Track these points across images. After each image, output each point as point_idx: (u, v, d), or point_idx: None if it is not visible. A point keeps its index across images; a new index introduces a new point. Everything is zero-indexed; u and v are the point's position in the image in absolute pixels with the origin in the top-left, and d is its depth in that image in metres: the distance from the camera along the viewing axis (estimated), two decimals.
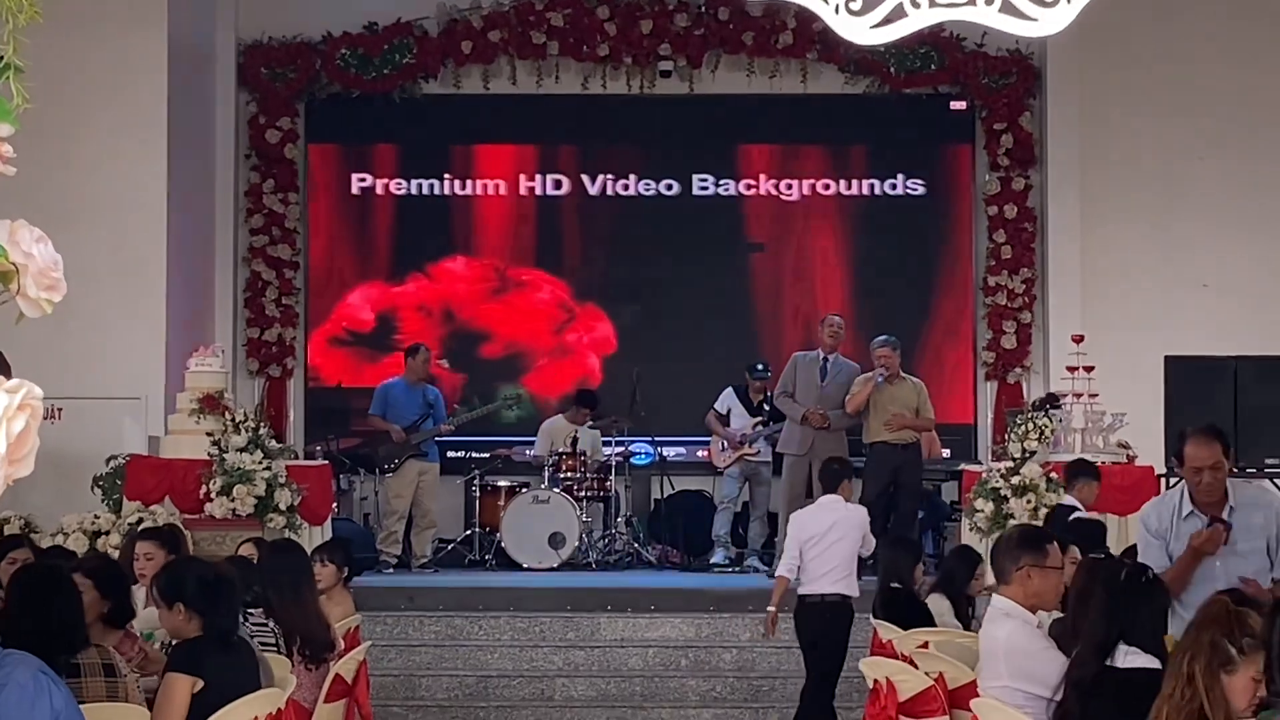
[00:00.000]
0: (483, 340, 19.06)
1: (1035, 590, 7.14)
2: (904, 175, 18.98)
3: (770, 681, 13.39)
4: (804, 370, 15.87)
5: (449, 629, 14.02)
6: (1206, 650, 5.29)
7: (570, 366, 19.04)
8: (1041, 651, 6.90)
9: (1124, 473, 14.25)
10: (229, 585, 7.11)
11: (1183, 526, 8.10)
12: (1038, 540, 7.39)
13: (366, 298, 19.01)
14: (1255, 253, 18.36)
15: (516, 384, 18.79)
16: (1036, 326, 18.65)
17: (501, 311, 19.07)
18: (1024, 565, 7.17)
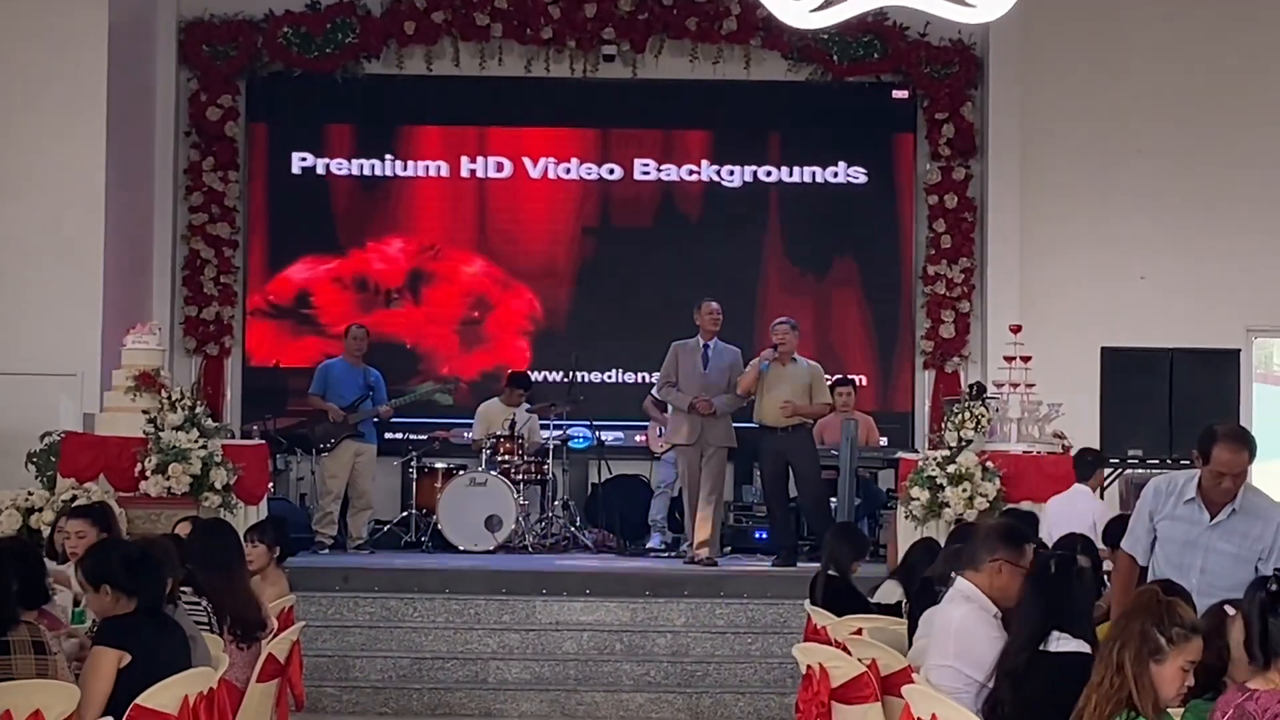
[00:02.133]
0: (417, 321, 19.00)
1: (1002, 585, 7.12)
2: (845, 163, 19.00)
3: (704, 666, 13.39)
4: (685, 358, 15.77)
5: (384, 610, 13.97)
6: (1136, 639, 5.32)
7: (506, 349, 19.00)
8: (989, 638, 6.90)
9: (1059, 463, 14.28)
10: (155, 563, 7.07)
11: (1180, 509, 8.14)
12: (1019, 539, 7.38)
13: (304, 276, 18.93)
14: (1191, 245, 18.47)
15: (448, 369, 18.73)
16: (975, 316, 18.71)
17: (438, 292, 19.02)
18: (998, 558, 7.17)
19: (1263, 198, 18.49)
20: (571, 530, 17.28)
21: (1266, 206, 18.49)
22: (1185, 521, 8.13)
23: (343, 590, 14.23)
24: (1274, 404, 19.46)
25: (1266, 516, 8.15)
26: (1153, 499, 8.26)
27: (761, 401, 15.67)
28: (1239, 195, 18.51)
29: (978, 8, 8.19)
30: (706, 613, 13.99)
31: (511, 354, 18.95)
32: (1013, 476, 14.00)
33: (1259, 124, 18.58)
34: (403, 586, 14.34)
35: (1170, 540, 8.19)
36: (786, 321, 15.90)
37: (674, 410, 15.85)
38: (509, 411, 17.48)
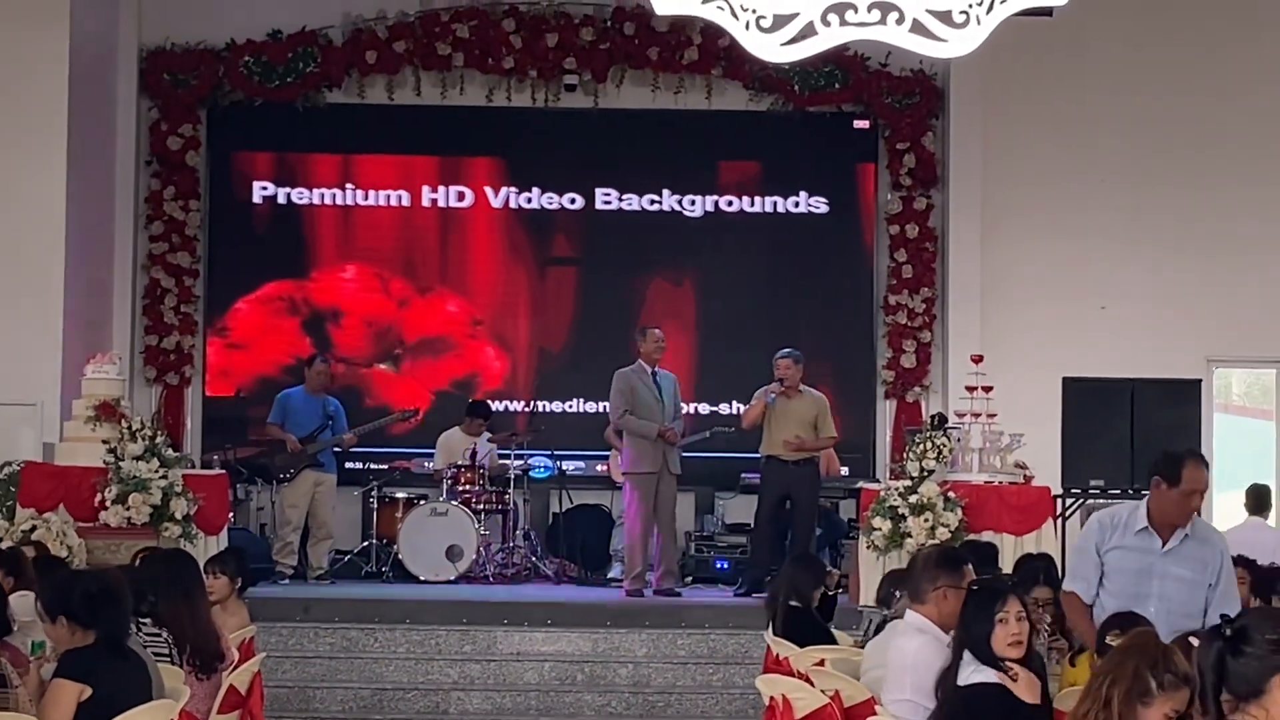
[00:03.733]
0: (380, 350, 18.96)
1: (950, 610, 7.17)
2: (807, 193, 19.01)
3: (665, 697, 13.38)
4: (641, 387, 15.71)
5: (344, 641, 13.93)
6: (1129, 678, 5.29)
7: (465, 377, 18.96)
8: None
9: (1020, 493, 14.32)
10: (115, 594, 7.03)
11: (1130, 539, 8.18)
12: (955, 561, 7.43)
13: (263, 306, 18.87)
14: (1152, 276, 18.53)
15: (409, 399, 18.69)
16: (936, 346, 18.74)
17: (399, 322, 18.97)
18: (941, 585, 7.21)
19: (1223, 228, 18.56)
20: (533, 560, 17.23)
21: (1227, 237, 18.56)
22: (1138, 551, 8.20)
23: (303, 621, 14.18)
24: (1234, 434, 19.53)
25: (1213, 542, 8.35)
26: (1098, 533, 8.29)
27: (770, 434, 15.66)
28: (1199, 225, 18.57)
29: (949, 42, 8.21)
30: (668, 643, 13.98)
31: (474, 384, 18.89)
32: (975, 507, 14.03)
33: (1220, 154, 18.65)
34: (363, 617, 14.30)
35: (1122, 571, 8.23)
36: (790, 354, 15.86)
37: (632, 440, 15.76)
38: (469, 441, 17.45)
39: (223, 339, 18.87)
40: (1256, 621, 5.16)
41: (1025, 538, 13.94)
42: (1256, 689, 4.99)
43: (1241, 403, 20.27)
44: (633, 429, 15.66)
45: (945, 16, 8.48)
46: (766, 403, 15.64)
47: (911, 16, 8.45)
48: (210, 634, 8.52)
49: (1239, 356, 19.09)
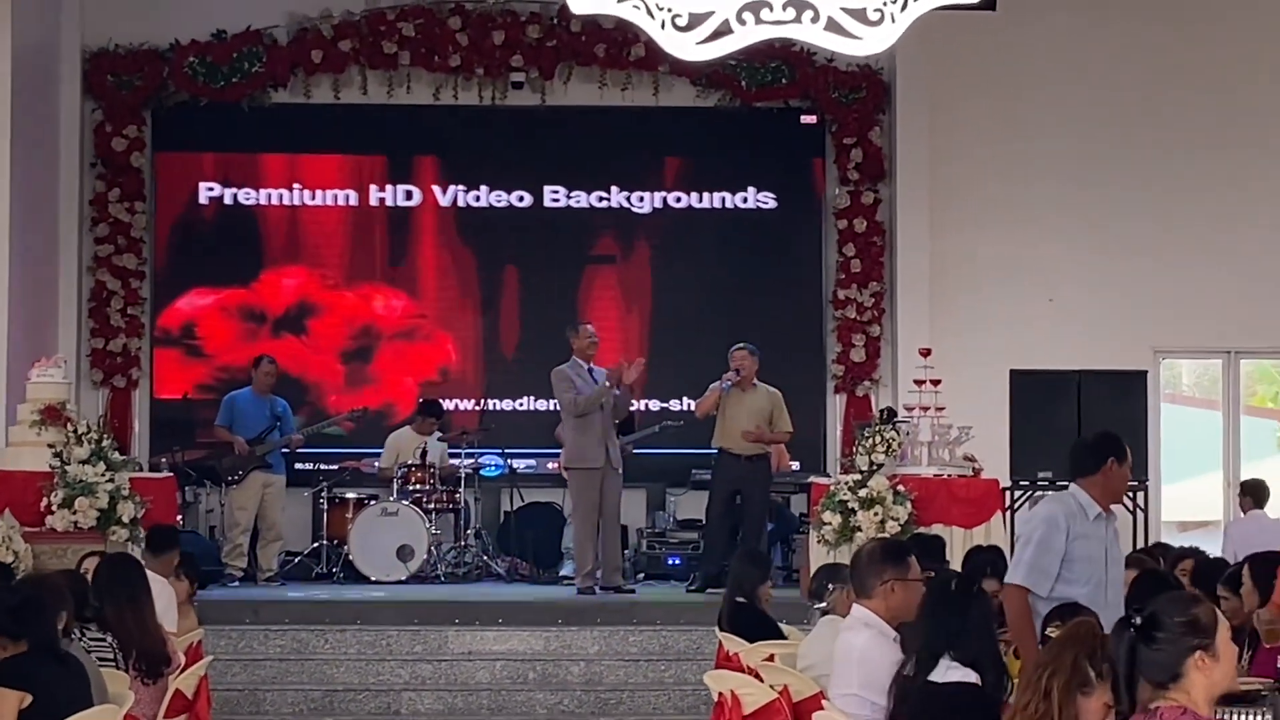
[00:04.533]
0: (327, 351, 18.90)
1: (898, 603, 7.18)
2: (755, 189, 19.02)
3: (617, 694, 13.38)
4: (579, 381, 15.62)
5: (294, 643, 13.88)
6: (1068, 669, 5.31)
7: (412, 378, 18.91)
8: (892, 663, 6.92)
9: (969, 486, 14.35)
10: (40, 603, 7.00)
11: (1088, 526, 8.23)
12: (899, 553, 7.43)
13: (209, 308, 18.79)
14: (1099, 268, 18.58)
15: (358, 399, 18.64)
16: (885, 340, 18.76)
17: (345, 322, 18.91)
18: (888, 579, 7.21)
19: (1169, 220, 18.64)
20: (484, 559, 17.21)
21: (1173, 229, 18.63)
22: (1096, 538, 8.24)
23: (253, 623, 14.13)
24: (1184, 424, 19.62)
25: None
26: (1065, 523, 8.26)
27: (722, 426, 15.68)
28: (1146, 218, 18.64)
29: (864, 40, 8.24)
30: (620, 640, 13.97)
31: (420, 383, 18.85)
32: (924, 500, 14.04)
33: (1166, 147, 18.73)
34: (313, 618, 14.25)
35: (1088, 560, 8.24)
36: (746, 347, 15.87)
37: (576, 435, 15.68)
38: (420, 440, 17.41)
39: (170, 341, 18.77)
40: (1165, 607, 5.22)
41: (974, 530, 13.96)
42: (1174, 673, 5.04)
43: (1191, 393, 20.36)
44: (586, 404, 15.49)
45: (860, 14, 8.49)
46: (721, 391, 15.64)
47: (826, 14, 8.48)
48: (156, 638, 8.48)
49: (1185, 347, 19.19)
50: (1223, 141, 18.77)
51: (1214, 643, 5.07)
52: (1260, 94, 18.89)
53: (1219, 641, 5.08)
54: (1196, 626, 5.09)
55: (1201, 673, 5.05)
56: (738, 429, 15.58)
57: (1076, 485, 8.41)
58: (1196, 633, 5.08)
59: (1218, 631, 5.10)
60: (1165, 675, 5.09)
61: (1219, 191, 18.70)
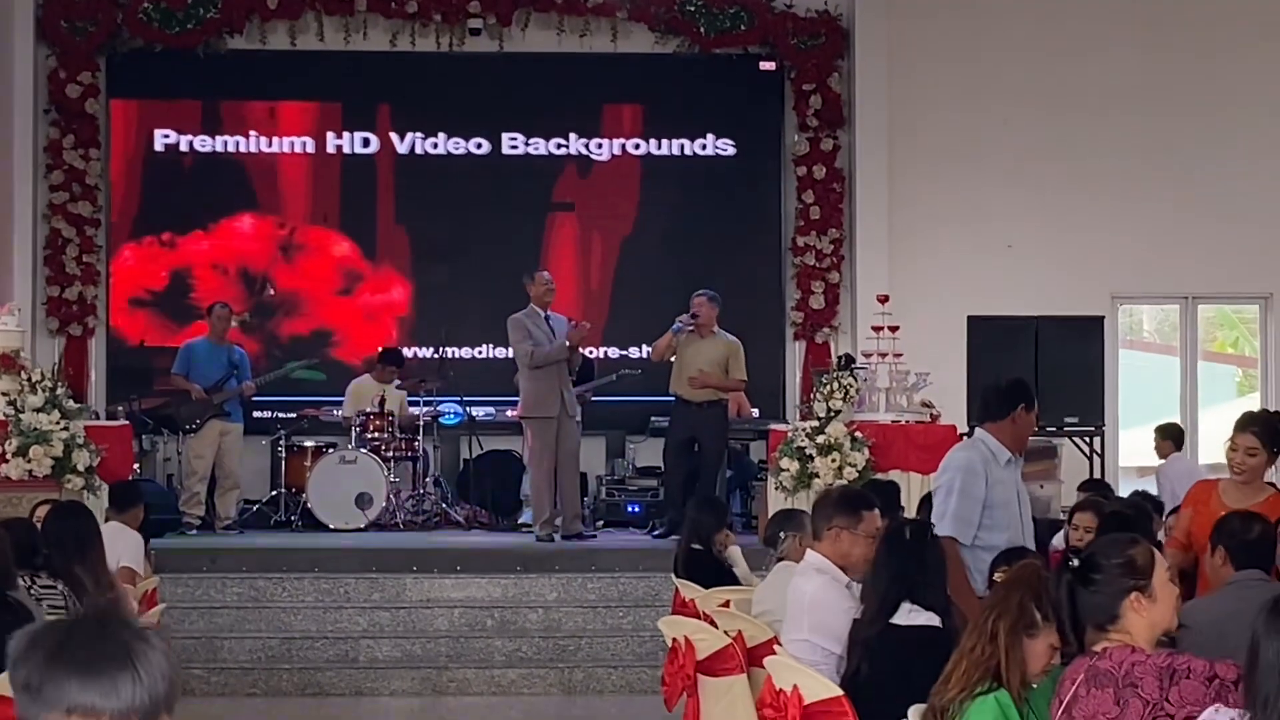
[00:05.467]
0: (282, 300, 18.83)
1: (844, 551, 7.23)
2: (714, 135, 18.98)
3: (575, 641, 13.40)
4: (535, 329, 15.56)
5: (251, 591, 13.87)
6: (1013, 611, 5.33)
7: (372, 326, 18.87)
8: (843, 610, 6.94)
9: (927, 432, 14.37)
10: None
11: (1002, 472, 8.29)
12: (855, 504, 7.45)
13: (166, 255, 18.71)
14: (1058, 214, 18.62)
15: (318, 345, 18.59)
16: (844, 287, 18.75)
17: (302, 271, 18.85)
18: (834, 526, 7.26)
19: (1128, 166, 18.67)
20: (443, 507, 17.21)
21: (1131, 175, 18.67)
22: (1009, 483, 8.30)
23: (210, 571, 14.12)
24: (1144, 370, 19.68)
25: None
26: (983, 470, 8.28)
27: (678, 373, 15.70)
28: (1105, 164, 18.66)
29: None
30: (578, 587, 14.00)
31: (381, 332, 18.81)
32: (881, 446, 14.05)
33: (1124, 94, 18.74)
34: (271, 566, 14.23)
35: (1005, 505, 8.28)
36: (705, 293, 15.85)
37: (533, 384, 15.62)
38: (379, 388, 17.38)
39: (125, 289, 18.68)
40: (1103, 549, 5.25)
41: (932, 476, 13.94)
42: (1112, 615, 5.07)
43: (1153, 339, 20.42)
44: (548, 357, 15.46)
45: None
46: (674, 334, 15.63)
47: None
48: (107, 584, 8.45)
49: (1143, 294, 19.24)
50: (1184, 88, 18.79)
51: (1150, 584, 5.10)
52: (1225, 40, 18.90)
53: (1155, 582, 5.11)
54: (1132, 568, 5.11)
55: (1138, 614, 5.07)
56: (689, 374, 15.57)
57: (984, 430, 8.46)
58: (1132, 574, 5.10)
59: (1154, 573, 5.12)
60: (1104, 617, 5.12)
61: (1179, 138, 18.73)
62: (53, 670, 2.82)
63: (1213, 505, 8.19)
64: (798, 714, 6.44)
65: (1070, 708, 5.07)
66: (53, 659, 2.83)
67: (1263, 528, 7.20)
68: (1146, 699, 4.89)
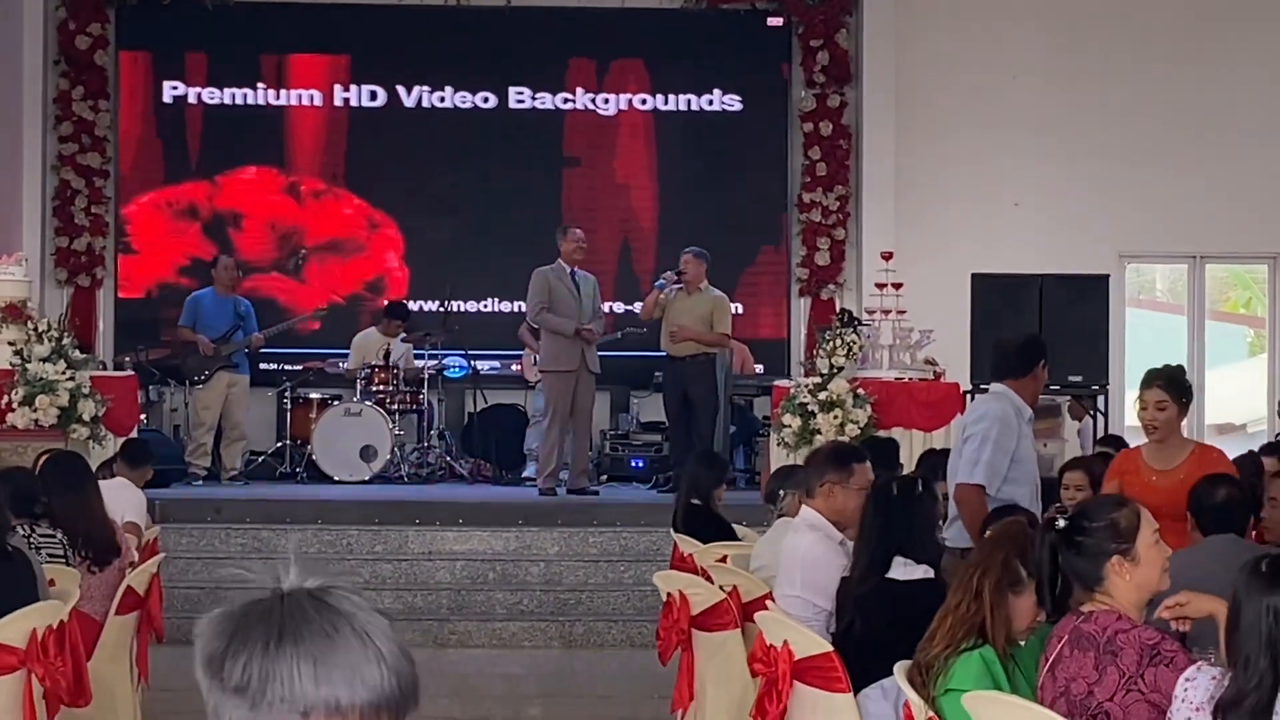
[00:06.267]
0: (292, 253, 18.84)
1: (837, 507, 7.26)
2: (721, 91, 18.96)
3: (576, 595, 13.47)
4: (558, 285, 15.56)
5: (255, 541, 13.93)
6: (998, 568, 5.37)
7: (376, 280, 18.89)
8: (835, 566, 6.98)
9: (930, 389, 14.39)
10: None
11: (1026, 428, 8.43)
12: (845, 458, 7.48)
13: (174, 207, 18.73)
14: (1065, 172, 18.58)
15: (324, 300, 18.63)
16: (850, 243, 18.73)
17: (310, 224, 18.86)
18: (826, 481, 7.29)
19: (1137, 126, 18.62)
20: (447, 460, 17.26)
21: (1140, 133, 18.62)
22: (1029, 439, 8.37)
23: (215, 521, 14.17)
24: (1154, 330, 19.67)
25: None
26: (1016, 424, 8.36)
27: (666, 330, 15.69)
28: (1113, 122, 18.62)
29: None
30: (580, 541, 14.03)
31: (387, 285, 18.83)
32: (884, 403, 14.08)
33: (1135, 52, 18.68)
34: (275, 517, 14.29)
35: (1028, 459, 8.38)
36: (692, 250, 15.86)
37: (550, 338, 15.71)
38: (384, 341, 17.42)
39: (133, 241, 18.72)
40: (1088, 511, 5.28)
41: (935, 433, 14.01)
42: (1095, 577, 5.10)
43: (1165, 298, 20.41)
44: (550, 325, 15.51)
45: None
46: (659, 292, 15.68)
47: None
48: (102, 524, 8.48)
49: (1151, 252, 19.22)
50: (1192, 46, 18.73)
51: (1134, 547, 5.12)
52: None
53: (1140, 546, 5.13)
54: (1115, 531, 5.14)
55: (1120, 577, 5.10)
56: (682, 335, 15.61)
57: (1005, 386, 8.48)
58: (1115, 537, 5.13)
59: (1139, 536, 5.14)
60: (1088, 579, 5.15)
61: (1187, 97, 18.67)
62: (274, 663, 2.27)
63: (1141, 473, 8.19)
64: (788, 669, 6.49)
65: (1054, 667, 5.12)
66: (269, 649, 2.29)
67: (1228, 491, 7.20)
68: (1123, 670, 4.93)
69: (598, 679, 12.35)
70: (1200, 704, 4.48)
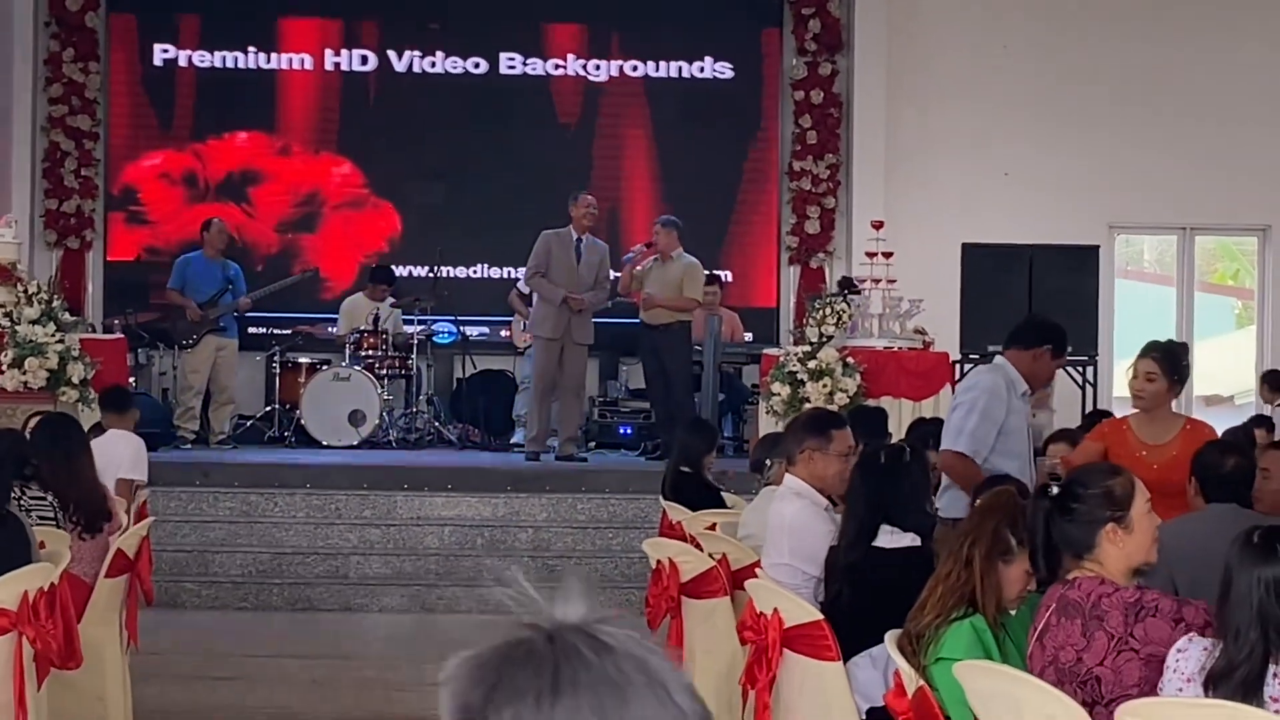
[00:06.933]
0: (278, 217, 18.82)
1: (818, 473, 7.27)
2: (712, 58, 18.93)
3: (564, 561, 13.45)
4: (559, 250, 15.55)
5: (244, 506, 13.93)
6: (988, 537, 5.38)
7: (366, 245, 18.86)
8: (822, 533, 7.00)
9: (919, 359, 14.40)
10: None
11: (1017, 402, 8.36)
12: (824, 425, 7.50)
13: (164, 170, 18.70)
14: (1056, 144, 18.57)
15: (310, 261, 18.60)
16: (840, 212, 18.72)
17: (299, 187, 18.83)
18: (806, 448, 7.30)
19: (1128, 96, 18.61)
20: (436, 425, 17.26)
21: (1131, 105, 18.62)
22: (1022, 416, 8.36)
23: (203, 485, 14.17)
24: (1142, 301, 19.69)
25: None
26: (1006, 396, 8.35)
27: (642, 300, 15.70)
28: (1105, 93, 18.61)
29: None
30: (568, 508, 14.04)
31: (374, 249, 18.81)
32: (873, 372, 14.09)
33: (1126, 21, 18.67)
34: (263, 482, 14.27)
35: (1018, 432, 8.36)
36: (661, 220, 15.88)
37: (540, 302, 15.71)
38: (373, 306, 17.41)
39: (123, 204, 18.69)
40: (1082, 478, 5.29)
41: (924, 403, 14.02)
42: (1088, 544, 5.12)
43: (1154, 269, 20.42)
44: (540, 290, 15.54)
45: None
46: (625, 262, 15.72)
47: None
48: (94, 491, 8.49)
49: (1141, 223, 19.23)
50: (1184, 19, 18.72)
51: (1128, 515, 5.14)
52: None
53: (1134, 514, 5.15)
54: (1110, 498, 5.15)
55: (1114, 545, 5.11)
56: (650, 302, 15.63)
57: (1004, 358, 8.48)
58: (1110, 505, 5.14)
59: (1133, 504, 5.16)
60: (1080, 546, 5.16)
61: (1178, 68, 18.67)
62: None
63: (1130, 445, 8.19)
64: (778, 637, 6.50)
65: (1043, 635, 5.14)
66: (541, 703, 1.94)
67: (1237, 460, 7.22)
68: (1112, 633, 4.95)
69: None
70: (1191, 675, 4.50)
